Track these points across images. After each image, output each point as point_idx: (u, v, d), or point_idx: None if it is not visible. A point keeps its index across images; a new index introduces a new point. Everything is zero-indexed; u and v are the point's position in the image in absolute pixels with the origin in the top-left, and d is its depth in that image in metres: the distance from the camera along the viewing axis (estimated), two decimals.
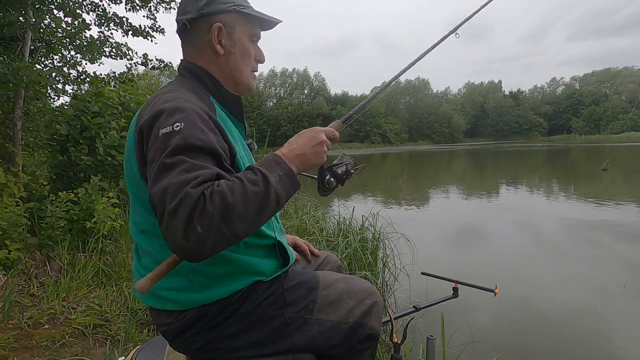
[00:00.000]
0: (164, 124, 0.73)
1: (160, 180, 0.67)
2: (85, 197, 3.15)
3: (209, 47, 0.92)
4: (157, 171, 0.69)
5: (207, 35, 0.91)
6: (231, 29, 0.92)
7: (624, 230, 5.20)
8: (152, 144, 0.73)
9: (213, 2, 0.90)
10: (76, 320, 2.27)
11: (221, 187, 0.66)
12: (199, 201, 0.64)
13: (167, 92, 0.84)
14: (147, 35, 5.00)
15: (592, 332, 2.62)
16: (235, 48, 0.94)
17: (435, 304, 1.37)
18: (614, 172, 12.44)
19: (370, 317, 0.96)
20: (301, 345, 0.90)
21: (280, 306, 0.90)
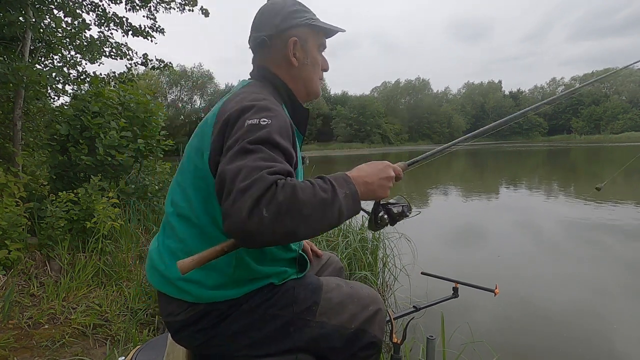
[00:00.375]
0: (253, 116, 0.78)
1: (237, 161, 0.70)
2: (85, 197, 3.15)
3: (284, 60, 0.99)
4: (235, 153, 0.72)
5: (283, 49, 0.98)
6: (304, 42, 1.00)
7: (624, 230, 5.20)
8: (235, 131, 0.77)
9: (288, 18, 0.97)
10: (76, 320, 2.26)
11: (294, 182, 0.69)
12: (271, 187, 0.66)
13: (254, 92, 0.89)
14: (147, 35, 5.01)
15: (592, 332, 2.62)
16: (308, 59, 1.01)
17: (435, 304, 1.36)
18: (613, 172, 12.42)
19: (374, 325, 0.95)
20: (302, 346, 0.90)
21: (282, 306, 0.90)
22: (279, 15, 0.97)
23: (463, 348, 1.99)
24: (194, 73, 55.73)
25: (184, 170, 0.90)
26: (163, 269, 0.89)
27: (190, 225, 0.87)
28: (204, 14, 5.27)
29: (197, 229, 0.85)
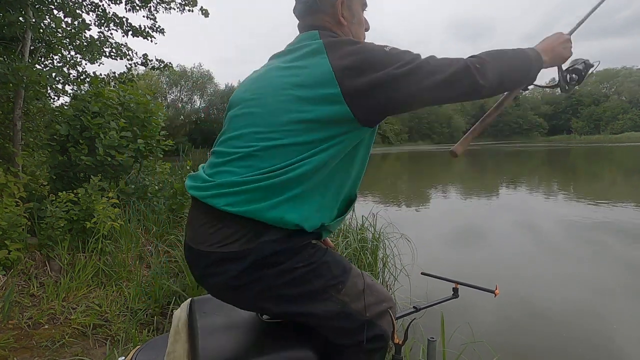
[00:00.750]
0: (383, 47, 0.90)
1: (423, 65, 0.86)
2: (85, 197, 3.15)
3: (333, 20, 1.03)
4: (416, 65, 0.86)
5: (332, 9, 1.02)
6: (350, 1, 1.04)
7: (624, 230, 5.21)
8: (379, 56, 0.87)
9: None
10: (76, 321, 2.27)
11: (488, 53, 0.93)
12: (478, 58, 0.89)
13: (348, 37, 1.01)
14: (147, 35, 5.01)
15: (592, 332, 2.63)
16: (354, 18, 1.06)
17: (436, 304, 1.36)
18: (614, 172, 12.43)
19: (385, 320, 0.99)
20: (318, 316, 0.92)
21: (318, 275, 0.92)
22: None
23: (463, 348, 1.99)
24: (193, 73, 55.73)
25: (278, 104, 0.90)
26: (238, 186, 0.86)
27: (284, 155, 0.87)
28: (203, 14, 5.27)
29: (291, 154, 0.87)
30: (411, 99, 0.88)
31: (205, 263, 0.89)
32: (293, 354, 0.93)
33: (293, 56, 0.96)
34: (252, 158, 0.89)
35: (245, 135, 0.92)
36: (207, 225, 0.90)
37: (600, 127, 70.42)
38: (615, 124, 66.84)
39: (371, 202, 8.21)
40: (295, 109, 0.88)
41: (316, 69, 0.88)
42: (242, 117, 0.95)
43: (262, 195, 0.86)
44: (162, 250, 3.41)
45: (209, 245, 0.88)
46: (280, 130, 0.88)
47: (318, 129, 0.87)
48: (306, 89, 0.88)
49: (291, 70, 0.92)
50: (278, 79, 0.93)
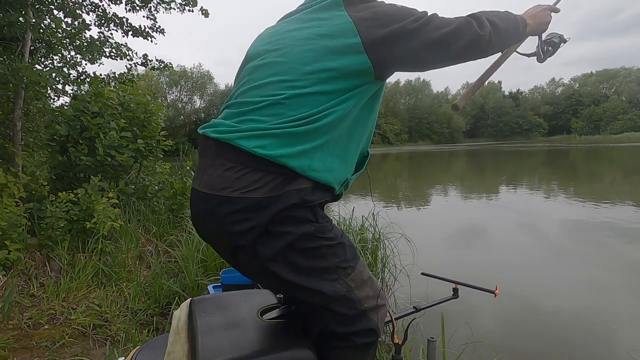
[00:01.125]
0: (390, 3, 0.96)
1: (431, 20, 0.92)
2: (85, 197, 3.15)
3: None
4: (426, 20, 0.91)
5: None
6: None
7: (624, 230, 5.21)
8: (392, 10, 0.93)
9: None
10: (76, 321, 2.27)
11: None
12: (474, 15, 0.97)
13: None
14: (147, 35, 5.01)
15: (592, 332, 2.63)
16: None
17: (436, 304, 1.37)
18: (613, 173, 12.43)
19: (377, 315, 0.99)
20: (324, 294, 0.91)
21: (332, 253, 0.93)
22: None
23: (463, 348, 1.99)
24: (193, 73, 55.74)
25: (303, 54, 0.92)
26: (264, 129, 0.86)
27: (311, 103, 0.89)
28: (203, 14, 5.27)
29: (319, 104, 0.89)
30: (422, 52, 0.93)
31: (228, 210, 0.85)
32: (293, 354, 0.93)
33: (310, 11, 0.99)
34: (279, 106, 0.88)
35: (272, 83, 0.91)
36: (232, 170, 0.86)
37: (600, 127, 70.44)
38: (615, 124, 66.86)
39: (371, 202, 8.21)
40: (321, 58, 0.90)
41: (337, 19, 0.92)
42: (267, 67, 0.95)
43: (291, 142, 0.86)
44: (162, 250, 3.41)
45: (233, 190, 0.84)
46: (307, 79, 0.89)
47: (340, 77, 0.90)
48: (330, 39, 0.91)
49: (312, 22, 0.95)
50: (300, 31, 0.95)
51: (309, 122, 0.87)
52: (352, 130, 0.97)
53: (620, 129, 64.63)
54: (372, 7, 0.94)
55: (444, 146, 60.64)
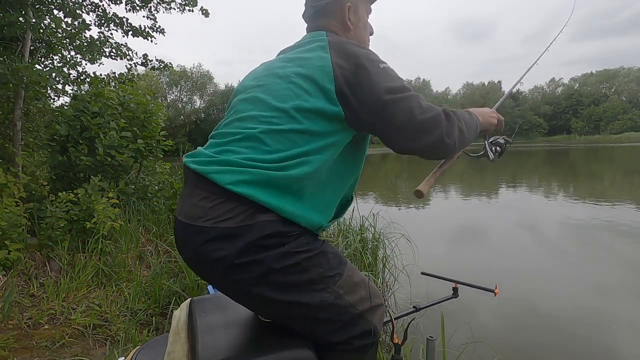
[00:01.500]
0: (382, 61, 0.97)
1: (410, 94, 0.94)
2: (85, 197, 3.15)
3: (341, 24, 1.12)
4: (401, 97, 0.92)
5: (339, 14, 1.11)
6: (356, 7, 1.13)
7: (625, 230, 5.21)
8: (375, 69, 0.93)
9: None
10: (76, 321, 2.27)
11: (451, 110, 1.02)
12: (446, 109, 0.98)
13: (353, 41, 1.05)
14: (147, 35, 5.01)
15: (593, 332, 2.63)
16: (360, 22, 1.15)
17: (435, 304, 1.36)
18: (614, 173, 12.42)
19: (375, 316, 1.00)
20: (313, 305, 0.91)
21: (315, 264, 0.92)
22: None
23: (463, 348, 1.99)
24: (193, 73, 55.74)
25: (282, 91, 0.95)
26: (241, 167, 0.87)
27: (285, 141, 0.90)
28: (203, 14, 5.27)
29: (293, 144, 0.91)
30: (386, 128, 0.94)
31: (202, 240, 0.87)
32: (292, 354, 0.93)
33: (299, 49, 1.04)
34: (254, 140, 0.91)
35: (251, 117, 0.95)
36: (206, 199, 0.89)
37: (600, 127, 70.41)
38: (615, 124, 66.83)
39: (371, 202, 8.21)
40: (296, 97, 0.93)
41: (318, 62, 0.95)
42: (249, 101, 0.99)
43: (264, 184, 0.87)
44: (162, 250, 3.41)
45: (206, 220, 0.86)
46: (281, 116, 0.92)
47: (314, 119, 0.91)
48: (307, 80, 0.94)
49: (296, 62, 0.99)
50: (283, 69, 0.99)
51: (283, 168, 0.88)
52: (331, 181, 0.97)
53: (620, 129, 64.60)
54: (356, 57, 0.94)
55: None
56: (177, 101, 55.11)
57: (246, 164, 0.88)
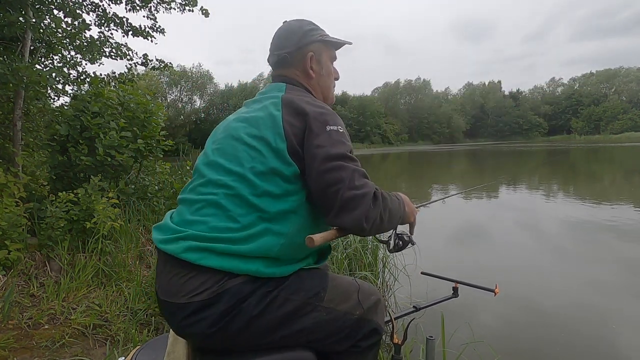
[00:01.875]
0: (332, 122, 0.95)
1: (346, 165, 0.89)
2: (85, 197, 3.15)
3: (303, 73, 1.14)
4: (336, 165, 0.89)
5: (302, 64, 1.13)
6: (319, 55, 1.15)
7: (625, 230, 5.21)
8: (320, 131, 0.92)
9: (305, 36, 1.13)
10: (76, 321, 2.27)
11: (384, 192, 0.96)
12: (377, 192, 0.91)
13: (306, 96, 1.05)
14: (147, 35, 5.01)
15: (593, 332, 2.63)
16: (323, 70, 1.17)
17: (435, 304, 1.36)
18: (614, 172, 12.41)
19: (376, 313, 1.01)
20: (311, 329, 0.93)
21: (294, 290, 0.93)
22: (297, 34, 1.13)
23: (463, 348, 1.99)
24: (193, 73, 55.72)
25: (237, 154, 0.95)
26: (207, 242, 0.88)
27: (245, 205, 0.91)
28: (204, 14, 5.26)
29: (253, 207, 0.91)
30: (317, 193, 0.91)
31: (181, 316, 0.89)
32: (293, 354, 0.93)
33: (255, 107, 1.04)
34: (216, 206, 0.92)
35: (211, 182, 0.96)
36: (178, 276, 0.90)
37: (600, 127, 70.38)
38: (615, 124, 66.80)
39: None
40: (251, 159, 0.93)
41: (270, 121, 0.95)
42: (209, 166, 0.99)
43: (231, 254, 0.88)
44: None
45: (182, 295, 0.88)
46: (240, 180, 0.92)
47: (273, 181, 0.91)
48: (260, 141, 0.94)
49: (249, 122, 0.99)
50: (237, 130, 0.99)
51: (248, 238, 0.88)
52: (300, 234, 0.94)
53: (620, 128, 64.56)
54: (305, 116, 0.94)
55: (444, 146, 60.62)
56: (177, 101, 55.08)
57: (212, 238, 0.88)
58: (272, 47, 1.16)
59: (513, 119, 78.49)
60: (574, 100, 77.87)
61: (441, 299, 1.39)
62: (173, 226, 0.95)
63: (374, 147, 57.88)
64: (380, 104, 65.35)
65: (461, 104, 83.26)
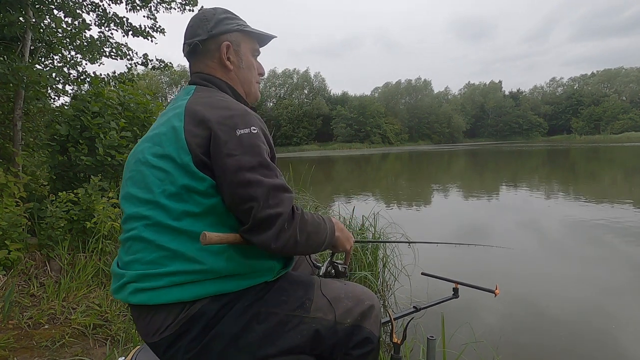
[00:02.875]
0: (241, 125, 0.85)
1: (262, 177, 0.82)
2: (85, 197, 3.15)
3: (219, 64, 1.03)
4: (252, 168, 0.82)
5: (217, 53, 1.02)
6: (237, 46, 1.04)
7: (625, 229, 5.20)
8: (228, 137, 0.83)
9: (220, 23, 1.02)
10: (76, 321, 2.27)
11: (303, 213, 0.87)
12: (295, 212, 0.84)
13: (216, 97, 0.93)
14: (148, 35, 5.00)
15: (593, 332, 2.62)
16: (242, 63, 1.06)
17: (436, 304, 1.36)
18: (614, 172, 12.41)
19: (369, 320, 0.95)
20: (299, 344, 0.88)
21: (275, 303, 0.89)
22: (210, 21, 1.02)
23: (464, 348, 1.99)
24: None
25: (146, 180, 0.88)
26: (148, 280, 0.85)
27: (168, 231, 0.85)
28: None
29: (177, 231, 0.85)
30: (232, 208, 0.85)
31: (161, 351, 0.88)
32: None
33: (160, 121, 0.95)
34: (140, 241, 0.87)
35: (130, 217, 0.90)
36: (140, 318, 0.88)
37: (600, 127, 70.37)
38: (615, 124, 66.79)
39: (372, 202, 8.21)
40: (160, 182, 0.86)
41: (171, 135, 0.87)
42: (125, 199, 0.94)
43: (179, 282, 0.84)
44: None
45: (152, 335, 0.86)
46: (153, 208, 0.86)
47: (190, 200, 0.84)
48: (165, 159, 0.86)
49: (153, 140, 0.91)
50: (143, 153, 0.92)
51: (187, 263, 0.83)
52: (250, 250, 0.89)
53: (620, 128, 64.56)
54: (208, 123, 0.84)
55: (444, 146, 60.61)
56: None
57: (152, 275, 0.84)
58: (185, 36, 1.05)
59: (513, 118, 78.46)
60: (574, 100, 77.86)
61: (441, 300, 1.39)
62: (118, 271, 0.91)
63: (374, 147, 57.88)
64: (380, 104, 65.37)
65: (461, 103, 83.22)
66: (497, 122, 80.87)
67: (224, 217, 0.87)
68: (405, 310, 1.32)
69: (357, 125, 60.30)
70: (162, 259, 0.84)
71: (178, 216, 0.84)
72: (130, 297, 0.86)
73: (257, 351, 0.87)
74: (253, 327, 0.87)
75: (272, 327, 0.87)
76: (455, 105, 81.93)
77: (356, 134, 60.28)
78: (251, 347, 0.86)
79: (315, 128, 61.67)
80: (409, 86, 77.12)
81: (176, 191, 0.84)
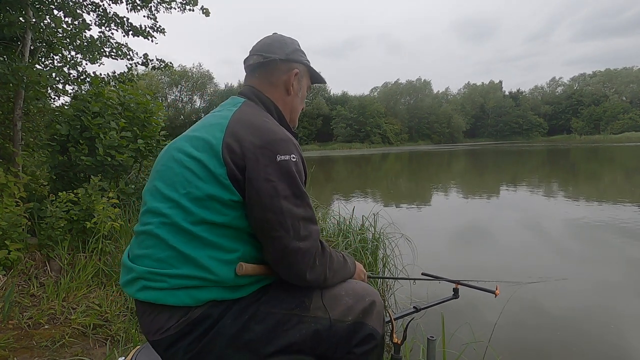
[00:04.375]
0: (283, 151, 0.87)
1: (294, 206, 0.85)
2: (85, 197, 3.15)
3: (283, 86, 1.08)
4: (286, 196, 0.84)
5: (284, 76, 1.08)
6: (301, 77, 1.13)
7: (626, 229, 5.20)
8: (268, 162, 0.85)
9: (296, 52, 1.11)
10: (76, 321, 2.27)
11: (330, 250, 0.95)
12: (324, 247, 0.91)
13: (261, 117, 0.95)
14: (148, 35, 5.00)
15: (594, 332, 2.62)
16: (300, 92, 1.14)
17: (436, 304, 1.36)
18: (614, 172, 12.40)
19: (371, 316, 0.95)
20: (299, 343, 0.88)
21: (274, 303, 0.90)
22: (290, 47, 1.10)
23: (464, 348, 1.99)
24: (194, 73, 55.75)
25: (174, 178, 0.89)
26: (157, 279, 0.86)
27: (183, 233, 0.86)
28: (204, 13, 5.26)
29: (191, 235, 0.85)
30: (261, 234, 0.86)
31: (161, 350, 0.89)
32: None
33: (203, 123, 0.96)
34: (153, 237, 0.88)
35: (149, 211, 0.91)
36: (145, 314, 0.90)
37: (600, 127, 70.35)
38: (615, 123, 66.75)
39: (371, 202, 8.21)
40: (188, 183, 0.86)
41: (211, 142, 0.87)
42: (149, 192, 0.94)
43: (185, 286, 0.85)
44: None
45: (154, 334, 0.87)
46: (173, 207, 0.87)
47: (211, 208, 0.85)
48: (198, 163, 0.87)
49: (193, 141, 0.91)
50: (178, 151, 0.92)
51: (195, 268, 0.84)
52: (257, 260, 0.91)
53: (620, 128, 64.50)
54: (247, 143, 0.85)
55: (444, 146, 60.57)
56: (177, 101, 55.13)
57: (160, 273, 0.85)
58: (257, 49, 1.09)
59: (513, 118, 78.41)
60: (574, 100, 77.82)
61: (441, 300, 1.38)
62: (129, 264, 0.92)
63: (374, 146, 57.87)
64: (380, 104, 65.35)
65: (461, 103, 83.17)
66: (497, 122, 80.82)
67: (240, 232, 0.88)
68: (405, 310, 1.32)
69: (357, 125, 60.28)
70: (173, 259, 0.85)
71: (196, 221, 0.85)
72: (138, 293, 0.88)
73: (257, 351, 0.87)
74: (252, 327, 0.87)
75: (271, 327, 0.87)
76: (455, 105, 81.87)
77: (356, 134, 60.25)
78: (250, 347, 0.86)
79: (315, 128, 61.67)
80: (409, 86, 77.09)
81: (201, 196, 0.85)
